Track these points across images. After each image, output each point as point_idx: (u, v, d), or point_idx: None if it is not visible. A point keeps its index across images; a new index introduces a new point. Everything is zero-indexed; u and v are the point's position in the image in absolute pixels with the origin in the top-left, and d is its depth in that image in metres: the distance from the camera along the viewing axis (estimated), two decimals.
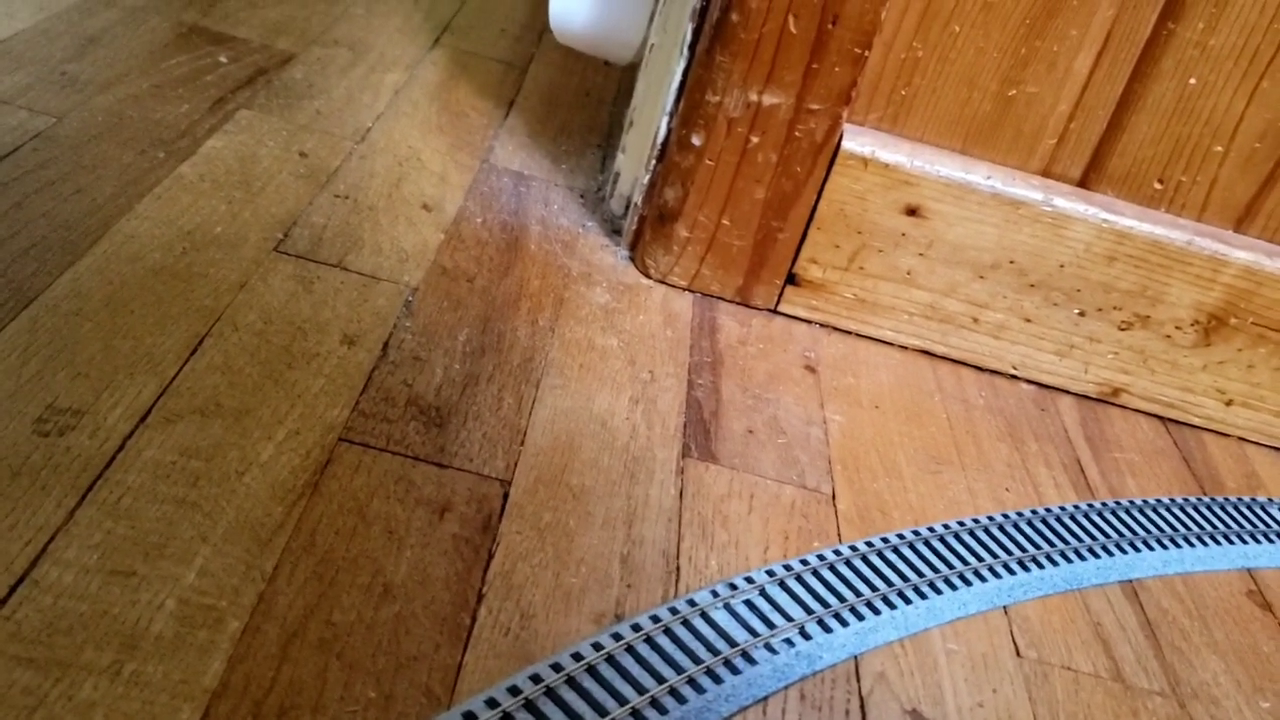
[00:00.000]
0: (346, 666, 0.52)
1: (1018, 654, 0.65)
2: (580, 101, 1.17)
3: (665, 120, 0.86)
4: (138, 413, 0.62)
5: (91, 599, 0.51)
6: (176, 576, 0.53)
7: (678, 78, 0.84)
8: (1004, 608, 0.68)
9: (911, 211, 0.85)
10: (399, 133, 0.99)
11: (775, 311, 0.90)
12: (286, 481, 0.60)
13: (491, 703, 0.51)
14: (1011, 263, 0.87)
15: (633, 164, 0.93)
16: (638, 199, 0.90)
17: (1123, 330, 0.89)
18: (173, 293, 0.72)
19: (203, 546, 0.55)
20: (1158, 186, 0.87)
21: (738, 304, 0.90)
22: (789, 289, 0.88)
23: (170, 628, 0.51)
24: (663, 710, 0.53)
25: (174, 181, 0.83)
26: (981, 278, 0.87)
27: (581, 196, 0.98)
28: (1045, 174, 0.87)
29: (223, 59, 1.02)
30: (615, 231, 0.94)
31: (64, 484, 0.56)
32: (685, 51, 0.83)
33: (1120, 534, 0.75)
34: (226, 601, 0.53)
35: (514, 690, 0.51)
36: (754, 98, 0.81)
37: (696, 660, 0.56)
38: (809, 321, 0.90)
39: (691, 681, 0.55)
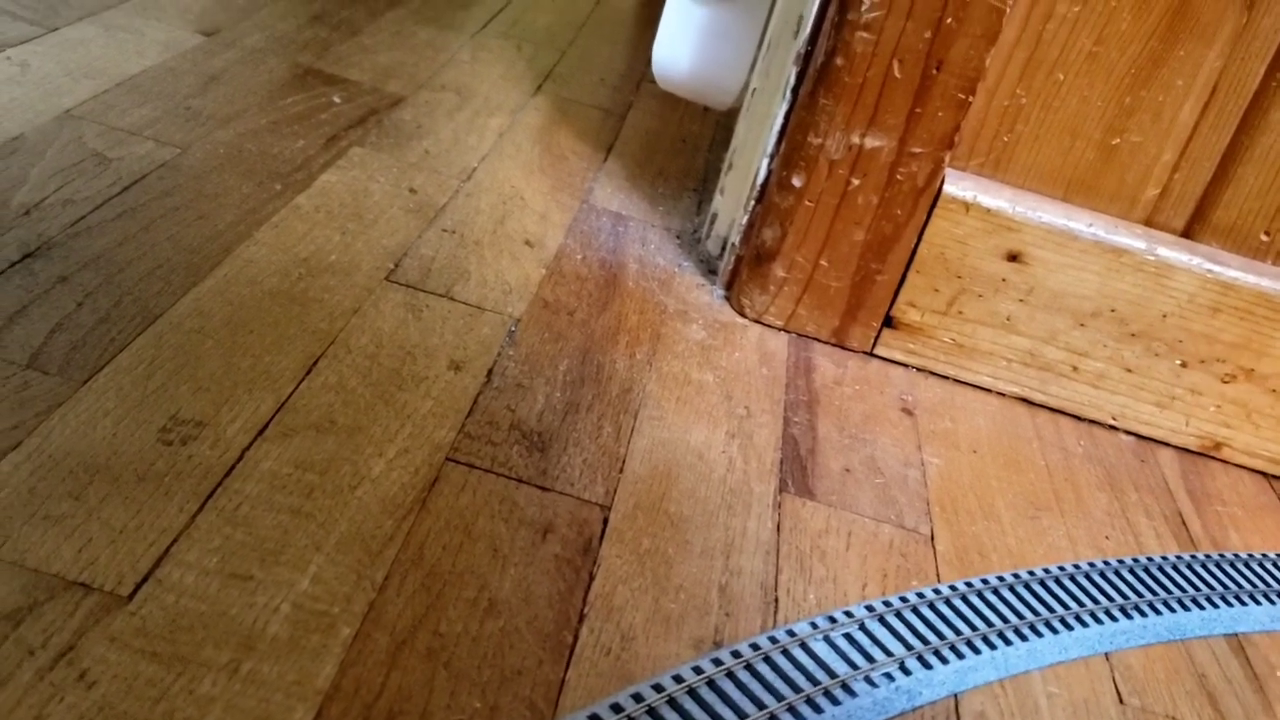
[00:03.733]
0: (453, 676, 0.53)
1: (1120, 701, 0.64)
2: (677, 148, 1.19)
3: (765, 162, 0.87)
4: (256, 426, 0.64)
5: (211, 600, 0.53)
6: (291, 582, 0.55)
7: (779, 120, 0.85)
8: (1105, 654, 0.66)
9: (1013, 257, 0.85)
10: (503, 173, 1.02)
11: (871, 354, 0.90)
12: (396, 497, 0.62)
13: (595, 718, 0.51)
14: (1113, 311, 0.86)
15: (731, 205, 0.95)
16: (735, 239, 0.91)
17: (1225, 383, 0.87)
18: (289, 315, 0.74)
19: (316, 555, 0.57)
20: (1264, 239, 0.86)
21: (833, 345, 0.90)
22: (886, 332, 0.89)
23: (285, 630, 0.52)
24: None
25: (290, 211, 0.86)
26: (1082, 325, 0.87)
27: (677, 237, 1.00)
28: (1148, 224, 0.87)
29: (336, 99, 1.06)
30: (711, 271, 0.96)
31: (186, 490, 0.58)
32: (788, 94, 0.84)
33: (1225, 586, 0.73)
34: (339, 608, 0.54)
35: (616, 708, 0.52)
36: (856, 140, 0.82)
37: (796, 689, 0.56)
38: (905, 365, 0.90)
39: (791, 709, 0.55)
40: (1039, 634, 0.65)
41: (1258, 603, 0.73)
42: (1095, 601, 0.68)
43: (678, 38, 0.97)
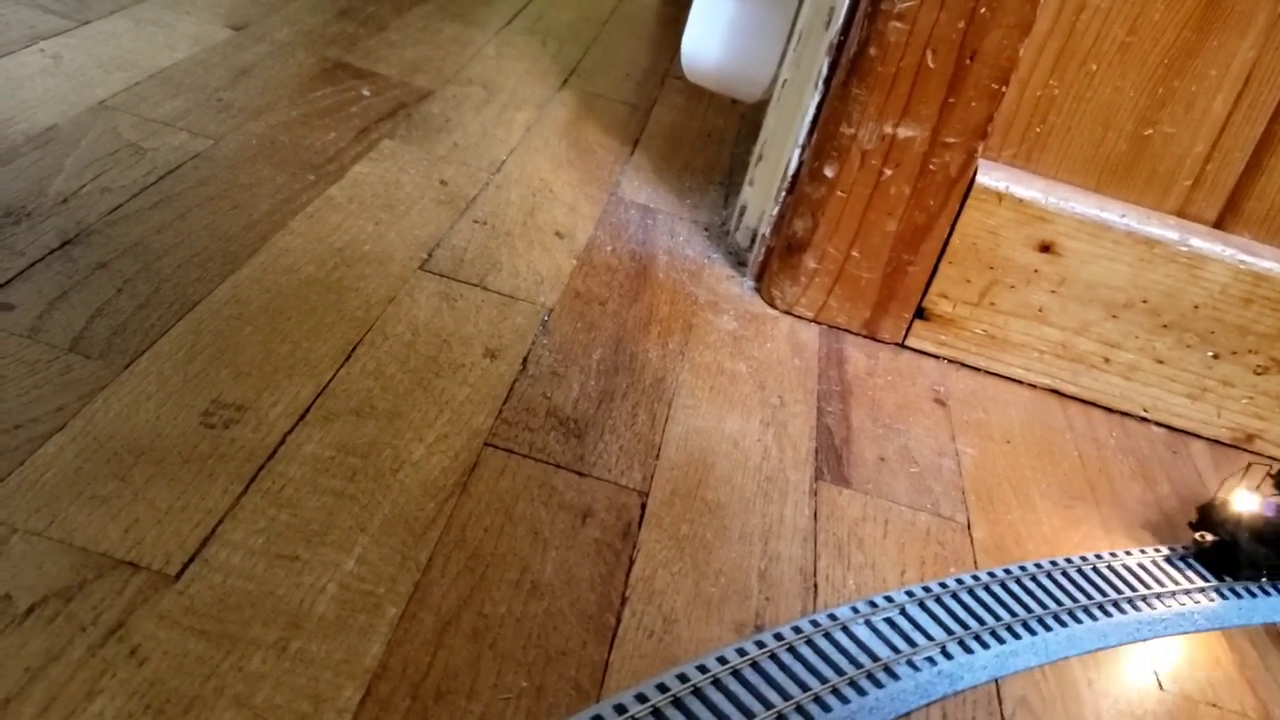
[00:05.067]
0: (499, 656, 0.53)
1: (1160, 688, 0.63)
2: (702, 141, 1.19)
3: (797, 153, 0.87)
4: (297, 411, 0.64)
5: (258, 579, 0.53)
6: (337, 563, 0.55)
7: (811, 111, 0.85)
8: (1145, 641, 0.66)
9: (1045, 248, 0.85)
10: (531, 166, 1.02)
11: (902, 345, 0.90)
12: (437, 480, 0.62)
13: (641, 698, 0.51)
14: (1145, 302, 0.86)
15: (760, 196, 0.95)
16: (765, 231, 0.91)
17: (1258, 375, 0.87)
18: (326, 303, 0.74)
19: (361, 536, 0.57)
20: None
21: (864, 336, 0.90)
22: (917, 323, 0.89)
23: (332, 610, 0.53)
24: (807, 717, 0.53)
25: (324, 202, 0.86)
26: (1114, 317, 0.87)
27: (706, 230, 1.00)
28: (1180, 214, 0.86)
29: (365, 92, 1.06)
30: (740, 263, 0.96)
31: (229, 473, 0.59)
32: (820, 85, 0.85)
33: None
34: (384, 588, 0.54)
35: (662, 687, 0.52)
36: (889, 130, 0.82)
37: (839, 671, 0.56)
38: (936, 356, 0.90)
39: (835, 691, 0.55)
40: (1078, 620, 0.65)
41: None
42: (1133, 590, 0.68)
43: (707, 30, 0.97)
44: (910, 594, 0.63)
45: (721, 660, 0.54)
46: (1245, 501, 0.72)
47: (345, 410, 0.65)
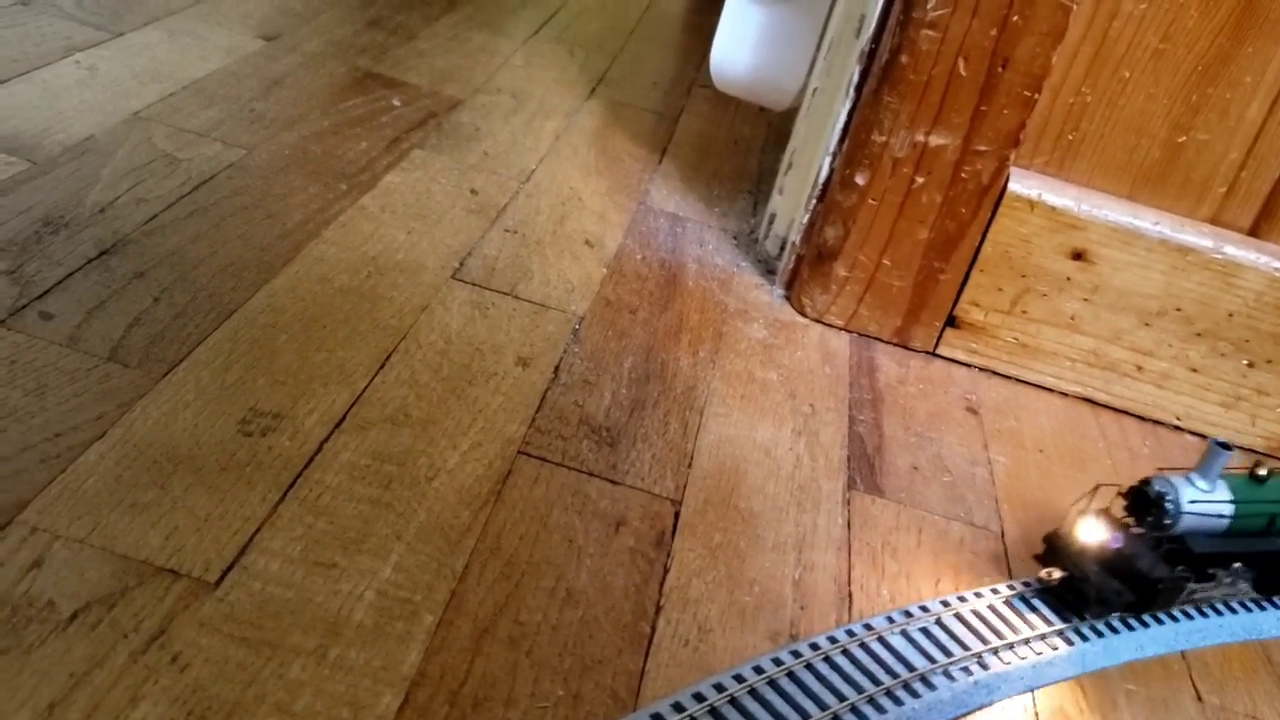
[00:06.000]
0: (535, 664, 0.53)
1: (1199, 699, 0.63)
2: (730, 150, 1.19)
3: (828, 160, 0.87)
4: (333, 419, 0.65)
5: (296, 587, 0.53)
6: (374, 570, 0.55)
7: (842, 119, 0.85)
8: (1182, 653, 0.66)
9: (1077, 256, 0.84)
10: (561, 175, 1.02)
11: (933, 354, 0.90)
12: (472, 488, 0.62)
13: (678, 707, 0.51)
14: (1178, 310, 0.85)
15: (790, 204, 0.95)
16: (795, 239, 0.91)
17: None
18: (360, 311, 0.75)
19: (397, 544, 0.57)
20: None
21: (895, 345, 0.90)
22: (948, 331, 0.88)
23: (370, 617, 0.53)
24: (859, 716, 0.53)
25: (357, 211, 0.87)
26: (1146, 325, 0.86)
27: (734, 238, 1.00)
28: (1214, 222, 0.86)
29: (395, 102, 1.07)
30: (769, 271, 0.96)
31: (267, 480, 0.59)
32: (851, 93, 0.85)
33: None
34: (421, 596, 0.55)
35: (699, 697, 0.52)
36: (921, 138, 0.82)
37: (876, 681, 0.56)
38: (968, 365, 0.90)
39: (872, 701, 0.54)
40: (1115, 631, 0.64)
41: None
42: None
43: (736, 39, 0.98)
44: (945, 603, 0.62)
45: (758, 670, 0.54)
46: (1092, 531, 0.64)
47: (380, 418, 0.66)
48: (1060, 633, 0.62)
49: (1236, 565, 0.68)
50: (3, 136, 0.84)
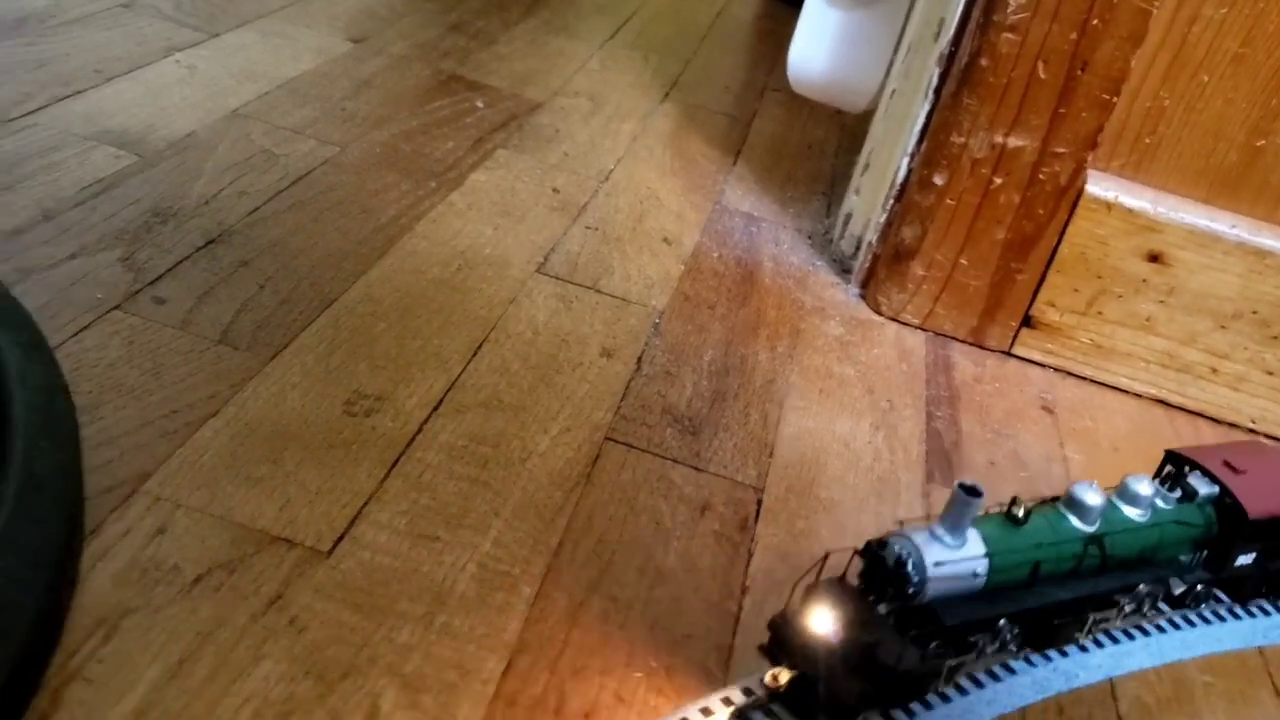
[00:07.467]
0: (629, 637, 0.55)
1: (1277, 694, 0.64)
2: (803, 153, 1.21)
3: (905, 161, 0.88)
4: (431, 402, 0.67)
5: (403, 557, 0.56)
6: (475, 544, 0.58)
7: (921, 120, 0.87)
8: (1260, 649, 0.66)
9: (1154, 258, 0.85)
10: (638, 175, 1.05)
11: (1009, 354, 0.91)
12: (563, 470, 0.65)
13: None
14: (1254, 313, 0.86)
15: (866, 205, 0.97)
16: (871, 238, 0.93)
17: None
18: (452, 302, 0.78)
19: (495, 520, 0.60)
20: None
21: (970, 344, 0.91)
22: (1024, 331, 0.89)
23: (472, 588, 0.55)
24: (927, 705, 0.54)
25: (446, 208, 0.90)
26: (1222, 328, 0.87)
27: (809, 238, 1.02)
28: None
29: (479, 104, 1.10)
30: (844, 271, 0.97)
31: (372, 458, 0.62)
32: (930, 95, 0.86)
33: None
34: (519, 569, 0.57)
35: None
36: (999, 140, 0.83)
37: None
38: (1043, 365, 0.91)
39: (956, 683, 0.56)
40: (1192, 624, 0.65)
41: None
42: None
43: (814, 41, 0.99)
44: None
45: None
46: (822, 620, 0.50)
47: (475, 403, 0.68)
48: (1138, 624, 0.63)
49: (1002, 623, 0.55)
50: (111, 131, 0.88)
